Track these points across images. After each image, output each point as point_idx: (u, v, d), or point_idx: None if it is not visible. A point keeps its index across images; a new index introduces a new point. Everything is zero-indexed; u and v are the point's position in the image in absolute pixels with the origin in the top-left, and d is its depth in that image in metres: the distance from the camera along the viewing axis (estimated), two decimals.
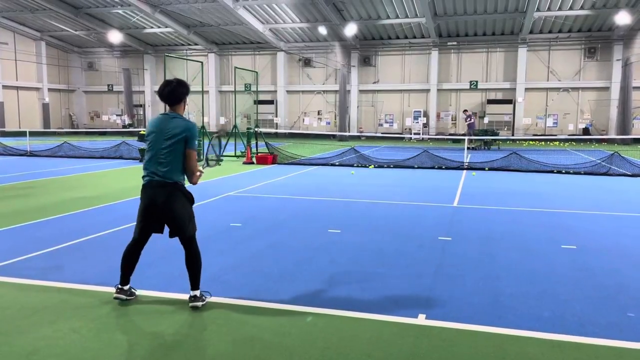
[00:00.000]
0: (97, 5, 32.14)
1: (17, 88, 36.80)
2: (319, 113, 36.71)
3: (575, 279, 5.27)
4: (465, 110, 27.32)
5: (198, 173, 4.47)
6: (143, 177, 4.41)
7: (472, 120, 25.92)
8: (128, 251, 4.51)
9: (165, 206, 4.31)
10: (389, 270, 5.54)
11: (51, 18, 34.42)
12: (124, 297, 4.52)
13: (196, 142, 4.44)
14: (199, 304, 4.40)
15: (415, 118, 33.74)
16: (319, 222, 7.95)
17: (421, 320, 4.20)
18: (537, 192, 11.16)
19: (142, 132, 17.83)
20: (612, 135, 29.06)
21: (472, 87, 33.18)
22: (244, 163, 17.11)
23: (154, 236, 4.59)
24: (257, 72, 24.89)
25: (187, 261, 4.48)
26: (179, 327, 4.07)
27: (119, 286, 4.55)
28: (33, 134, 31.10)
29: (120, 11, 32.57)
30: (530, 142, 29.62)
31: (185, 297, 4.63)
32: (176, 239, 4.53)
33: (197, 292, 4.45)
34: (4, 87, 35.36)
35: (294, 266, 5.68)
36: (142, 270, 5.43)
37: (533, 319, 4.22)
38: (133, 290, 4.62)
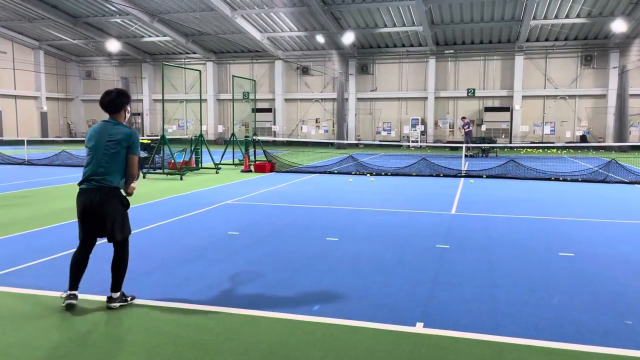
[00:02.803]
0: (95, 15, 32.26)
1: (15, 97, 36.83)
2: (317, 121, 36.80)
3: (573, 287, 5.27)
4: (463, 117, 27.39)
5: (134, 184, 4.66)
6: (81, 182, 4.56)
7: (470, 128, 26.00)
8: (79, 258, 4.60)
9: (100, 209, 4.47)
10: (386, 278, 5.53)
11: (50, 27, 34.52)
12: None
13: (139, 149, 4.63)
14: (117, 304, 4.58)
15: (413, 126, 33.82)
16: (317, 230, 7.94)
17: (419, 328, 4.19)
18: (535, 200, 11.18)
19: (141, 141, 17.81)
20: (610, 143, 29.16)
21: (469, 94, 33.30)
22: (242, 171, 17.10)
23: (151, 246, 4.58)
24: (255, 81, 24.98)
25: (115, 263, 4.68)
26: (174, 337, 4.05)
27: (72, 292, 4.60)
28: (31, 142, 31.09)
29: (118, 20, 32.69)
30: (528, 150, 29.70)
31: (181, 306, 4.64)
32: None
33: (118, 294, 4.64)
34: (2, 96, 35.39)
35: (292, 274, 5.66)
36: (139, 279, 5.42)
37: (531, 327, 4.21)
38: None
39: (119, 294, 4.62)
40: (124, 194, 4.64)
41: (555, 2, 26.73)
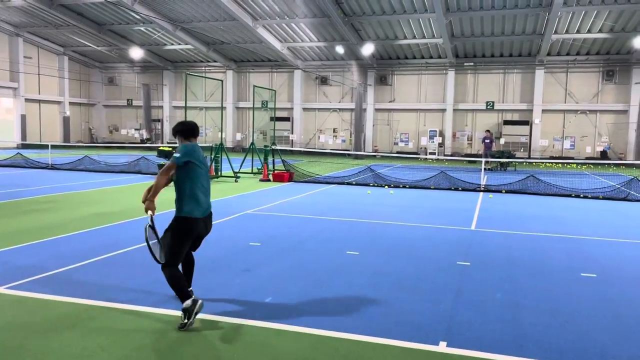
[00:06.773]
0: (119, 22, 32.87)
1: (39, 101, 37.60)
2: (334, 131, 36.91)
3: (596, 309, 5.24)
4: (487, 131, 26.85)
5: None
6: (199, 210, 4.77)
7: (489, 141, 25.69)
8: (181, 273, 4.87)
9: (206, 234, 5.04)
10: (408, 295, 5.55)
11: (74, 34, 35.25)
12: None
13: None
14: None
15: (431, 137, 33.75)
16: (337, 243, 7.99)
17: (442, 347, 4.21)
18: (556, 217, 11.09)
19: (161, 148, 18.07)
20: (631, 159, 28.75)
21: (488, 107, 33.16)
22: (261, 180, 17.23)
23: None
24: (275, 91, 25.16)
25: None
26: (194, 345, 4.13)
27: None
28: (54, 146, 31.63)
29: (142, 28, 33.26)
30: (547, 164, 29.42)
31: (203, 317, 4.71)
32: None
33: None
34: (27, 100, 36.15)
35: (313, 288, 5.72)
36: (162, 288, 5.52)
37: (554, 350, 4.21)
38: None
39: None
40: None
41: (577, 17, 26.57)
